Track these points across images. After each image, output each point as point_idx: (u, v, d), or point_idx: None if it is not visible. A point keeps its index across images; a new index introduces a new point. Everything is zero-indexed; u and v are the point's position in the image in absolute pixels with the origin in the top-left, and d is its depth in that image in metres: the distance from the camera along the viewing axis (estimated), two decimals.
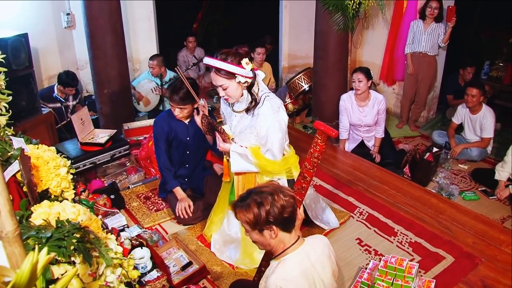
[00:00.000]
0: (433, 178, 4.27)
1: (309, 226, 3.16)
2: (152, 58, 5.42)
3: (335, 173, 3.99)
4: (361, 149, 4.51)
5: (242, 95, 2.61)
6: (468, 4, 6.49)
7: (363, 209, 3.48)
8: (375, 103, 4.36)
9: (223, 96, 2.61)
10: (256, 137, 2.65)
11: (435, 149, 4.34)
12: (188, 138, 3.32)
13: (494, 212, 3.80)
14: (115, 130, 4.13)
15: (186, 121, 3.30)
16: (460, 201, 3.92)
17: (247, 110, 2.65)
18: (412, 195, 3.65)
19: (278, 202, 1.78)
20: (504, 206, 3.90)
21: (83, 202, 2.57)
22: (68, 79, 4.64)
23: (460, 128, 4.88)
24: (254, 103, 2.60)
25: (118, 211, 3.32)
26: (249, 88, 2.58)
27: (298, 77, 5.45)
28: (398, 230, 3.21)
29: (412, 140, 5.29)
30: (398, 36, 5.48)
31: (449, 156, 4.59)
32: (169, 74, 5.50)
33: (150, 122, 4.50)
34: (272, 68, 6.10)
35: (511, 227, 3.48)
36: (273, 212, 1.78)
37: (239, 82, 2.52)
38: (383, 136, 4.49)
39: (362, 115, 4.39)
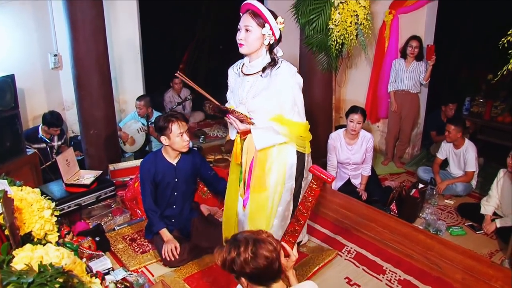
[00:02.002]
0: (420, 214, 4.27)
1: None
2: (139, 98, 5.45)
3: (322, 212, 3.98)
4: (348, 187, 4.51)
5: (258, 52, 2.64)
6: (447, 43, 6.70)
7: (351, 248, 3.46)
8: (364, 141, 4.40)
9: (240, 40, 2.61)
10: (271, 101, 2.63)
11: (420, 185, 4.36)
12: (176, 180, 3.31)
13: (481, 246, 3.80)
14: (101, 171, 4.10)
15: (174, 162, 3.29)
16: (447, 236, 3.92)
17: (264, 69, 2.65)
18: (400, 232, 3.64)
19: (242, 255, 1.76)
20: (491, 241, 3.91)
21: (67, 245, 2.52)
22: (52, 119, 4.63)
23: (445, 163, 4.94)
24: (273, 62, 2.64)
25: (103, 253, 3.25)
26: (270, 49, 2.64)
27: None
28: (386, 268, 3.19)
29: (398, 177, 5.33)
30: (381, 75, 5.59)
31: (435, 192, 4.61)
32: (155, 115, 5.52)
33: (137, 162, 4.48)
34: None
35: (499, 261, 3.48)
36: (236, 263, 1.78)
37: (263, 35, 2.56)
38: (370, 174, 4.51)
39: (351, 153, 4.43)
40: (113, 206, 4.02)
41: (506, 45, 3.02)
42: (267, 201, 2.81)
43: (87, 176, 3.95)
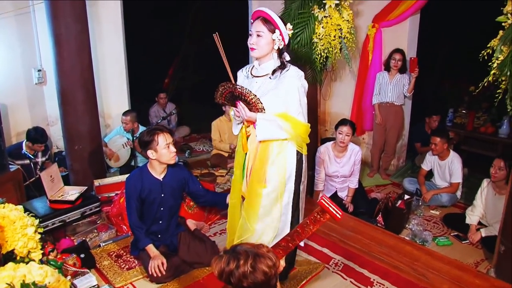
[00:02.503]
0: (406, 226, 4.29)
1: None
2: (125, 113, 5.43)
3: None
4: (334, 199, 4.51)
5: (268, 56, 2.80)
6: (429, 56, 6.81)
7: (338, 260, 3.45)
8: (352, 154, 4.43)
9: (252, 44, 2.75)
10: (278, 100, 2.72)
11: (406, 197, 4.39)
12: (163, 195, 3.28)
13: (467, 256, 3.83)
14: (86, 187, 4.06)
15: (160, 177, 3.27)
16: (434, 247, 3.94)
17: (274, 71, 2.79)
18: (386, 243, 3.65)
19: (241, 268, 1.74)
20: (477, 250, 3.94)
21: (51, 262, 2.50)
22: (37, 135, 4.59)
23: (429, 174, 4.98)
24: (283, 65, 2.80)
25: (88, 270, 3.20)
26: (280, 54, 2.80)
27: None
28: (374, 280, 3.19)
29: (383, 189, 5.36)
30: (365, 87, 5.65)
31: (420, 203, 4.65)
32: (141, 130, 5.50)
33: (122, 178, 4.45)
34: None
35: (485, 270, 3.50)
36: (234, 276, 1.75)
37: (273, 40, 2.73)
38: (357, 186, 4.53)
39: (339, 166, 4.45)
40: (98, 222, 3.97)
41: (486, 57, 3.08)
42: (261, 197, 2.85)
43: (72, 192, 3.91)
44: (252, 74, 2.91)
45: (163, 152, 3.12)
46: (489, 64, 3.05)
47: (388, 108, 5.39)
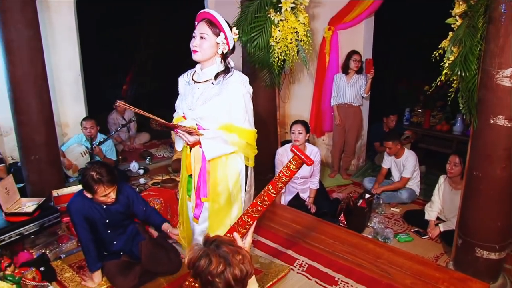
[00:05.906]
0: (368, 224, 4.38)
1: None
2: (86, 119, 5.30)
3: (272, 227, 3.98)
4: (297, 201, 4.56)
5: (211, 60, 2.69)
6: (385, 56, 6.98)
7: (303, 261, 3.47)
8: (311, 155, 4.47)
9: (194, 47, 2.64)
10: (222, 108, 2.65)
11: (367, 195, 4.48)
12: (108, 221, 3.14)
13: (428, 251, 3.94)
14: (44, 198, 3.93)
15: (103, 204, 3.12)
16: (395, 243, 4.04)
17: (217, 76, 2.69)
18: (350, 242, 3.71)
19: (209, 272, 1.66)
20: (436, 244, 4.06)
21: (8, 278, 2.42)
22: None
23: (390, 172, 5.11)
24: (227, 70, 2.71)
25: (49, 284, 3.11)
26: (224, 57, 2.72)
27: None
28: (338, 279, 3.23)
29: (345, 188, 5.44)
30: (323, 89, 5.73)
31: (381, 201, 4.74)
32: (99, 137, 5.38)
33: (81, 187, 4.33)
34: None
35: (445, 264, 3.61)
36: (200, 274, 1.68)
37: (218, 44, 2.63)
38: (318, 187, 4.58)
39: None
40: (58, 233, 3.86)
41: (438, 58, 3.18)
42: (229, 211, 2.88)
43: (29, 204, 3.78)
44: (193, 80, 2.80)
45: (101, 199, 2.98)
46: (441, 64, 3.15)
47: (347, 109, 5.49)
